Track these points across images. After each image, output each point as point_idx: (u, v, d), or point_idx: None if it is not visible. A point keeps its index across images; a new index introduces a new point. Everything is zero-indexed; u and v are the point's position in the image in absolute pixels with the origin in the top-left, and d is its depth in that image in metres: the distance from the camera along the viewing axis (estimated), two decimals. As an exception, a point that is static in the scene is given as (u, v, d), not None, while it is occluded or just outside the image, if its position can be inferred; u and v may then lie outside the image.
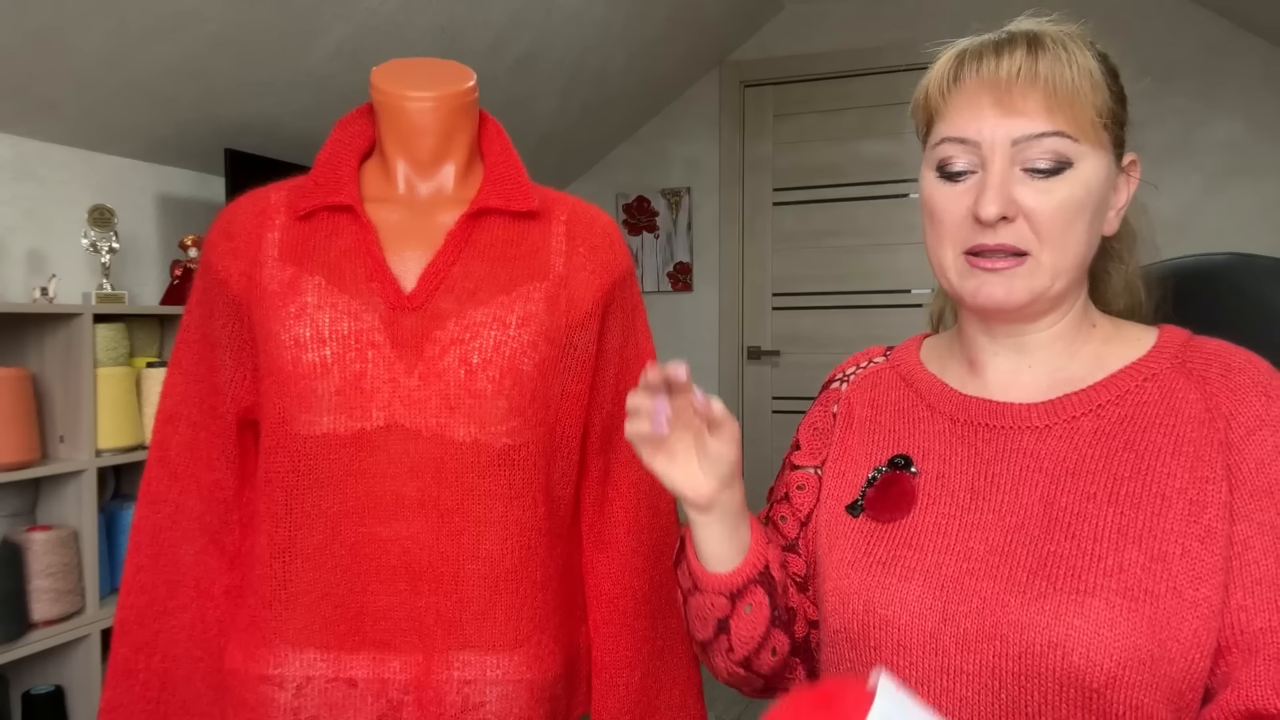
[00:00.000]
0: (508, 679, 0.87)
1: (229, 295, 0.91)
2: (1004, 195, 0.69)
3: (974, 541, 0.71)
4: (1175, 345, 0.75)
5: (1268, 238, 2.96)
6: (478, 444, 0.85)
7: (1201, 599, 0.64)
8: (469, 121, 0.95)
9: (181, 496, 0.93)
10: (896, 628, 0.70)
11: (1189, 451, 0.68)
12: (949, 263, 0.74)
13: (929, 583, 0.70)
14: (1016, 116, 0.70)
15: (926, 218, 0.76)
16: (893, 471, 0.77)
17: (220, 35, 2.03)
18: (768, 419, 3.68)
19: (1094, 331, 0.77)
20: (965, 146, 0.72)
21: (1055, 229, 0.69)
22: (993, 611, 0.67)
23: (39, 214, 2.11)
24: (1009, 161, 0.70)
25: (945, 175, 0.73)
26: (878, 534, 0.75)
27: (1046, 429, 0.73)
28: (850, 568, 0.75)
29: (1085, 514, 0.68)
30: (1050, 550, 0.68)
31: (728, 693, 2.85)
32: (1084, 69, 0.70)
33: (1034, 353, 0.76)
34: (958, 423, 0.77)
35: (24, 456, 1.83)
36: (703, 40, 3.40)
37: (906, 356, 0.86)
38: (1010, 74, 0.70)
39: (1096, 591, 0.65)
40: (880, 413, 0.83)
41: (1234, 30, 2.99)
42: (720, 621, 0.76)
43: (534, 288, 0.90)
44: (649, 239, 3.76)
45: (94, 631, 1.96)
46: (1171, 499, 0.67)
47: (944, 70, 0.74)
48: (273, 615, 0.87)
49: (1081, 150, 0.70)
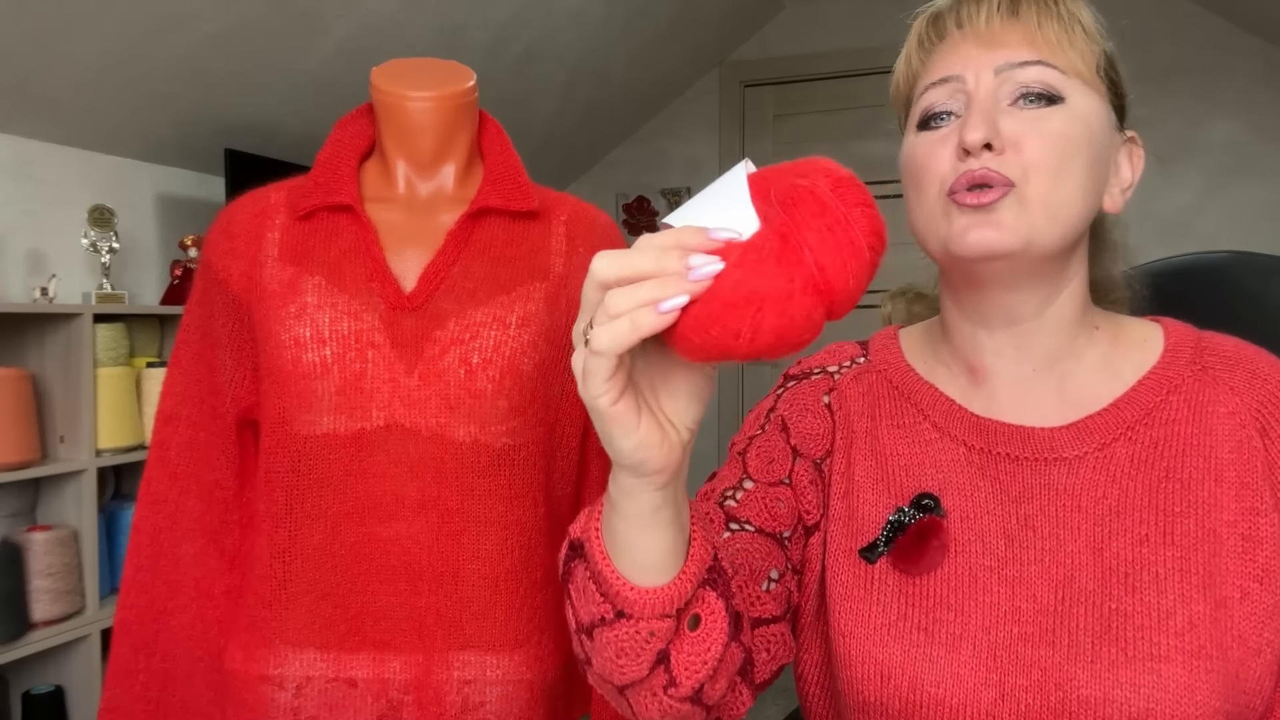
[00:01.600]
0: (508, 679, 0.87)
1: (229, 295, 0.91)
2: (989, 120, 0.63)
3: (1020, 599, 0.63)
4: (1189, 346, 0.69)
5: (1268, 238, 2.96)
6: (478, 444, 0.85)
7: (1265, 644, 0.60)
8: (469, 121, 0.95)
9: (181, 497, 0.93)
10: (949, 707, 0.62)
11: (1231, 477, 0.63)
12: (937, 212, 0.65)
13: (978, 652, 0.62)
14: (1000, 48, 0.65)
15: (909, 181, 0.68)
16: (925, 517, 0.66)
17: (220, 35, 2.03)
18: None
19: (1097, 334, 0.71)
20: (947, 86, 0.66)
21: (1047, 160, 0.62)
22: (1058, 686, 0.60)
23: (39, 214, 2.11)
24: (993, 91, 0.64)
25: (926, 124, 0.67)
26: (906, 589, 0.66)
27: (1078, 459, 0.66)
28: (886, 634, 0.65)
29: (1142, 561, 0.62)
30: (1112, 608, 0.61)
31: (728, 693, 2.85)
32: (1071, 15, 0.65)
33: (1035, 349, 0.69)
34: (975, 450, 0.68)
35: (24, 456, 1.83)
36: (703, 40, 3.40)
37: (889, 357, 0.76)
38: (991, 12, 0.66)
39: (1172, 657, 0.58)
40: (878, 426, 0.73)
41: (1234, 30, 2.99)
42: (659, 655, 0.55)
43: (534, 288, 0.90)
44: (649, 239, 3.76)
45: (94, 631, 1.96)
46: (1223, 535, 0.62)
47: (920, 30, 0.70)
48: (273, 615, 0.87)
49: (1072, 85, 0.64)
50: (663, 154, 3.76)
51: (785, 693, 2.92)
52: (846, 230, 0.44)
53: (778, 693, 2.89)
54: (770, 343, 0.43)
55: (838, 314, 0.44)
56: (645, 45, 3.15)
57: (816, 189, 0.46)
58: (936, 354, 0.75)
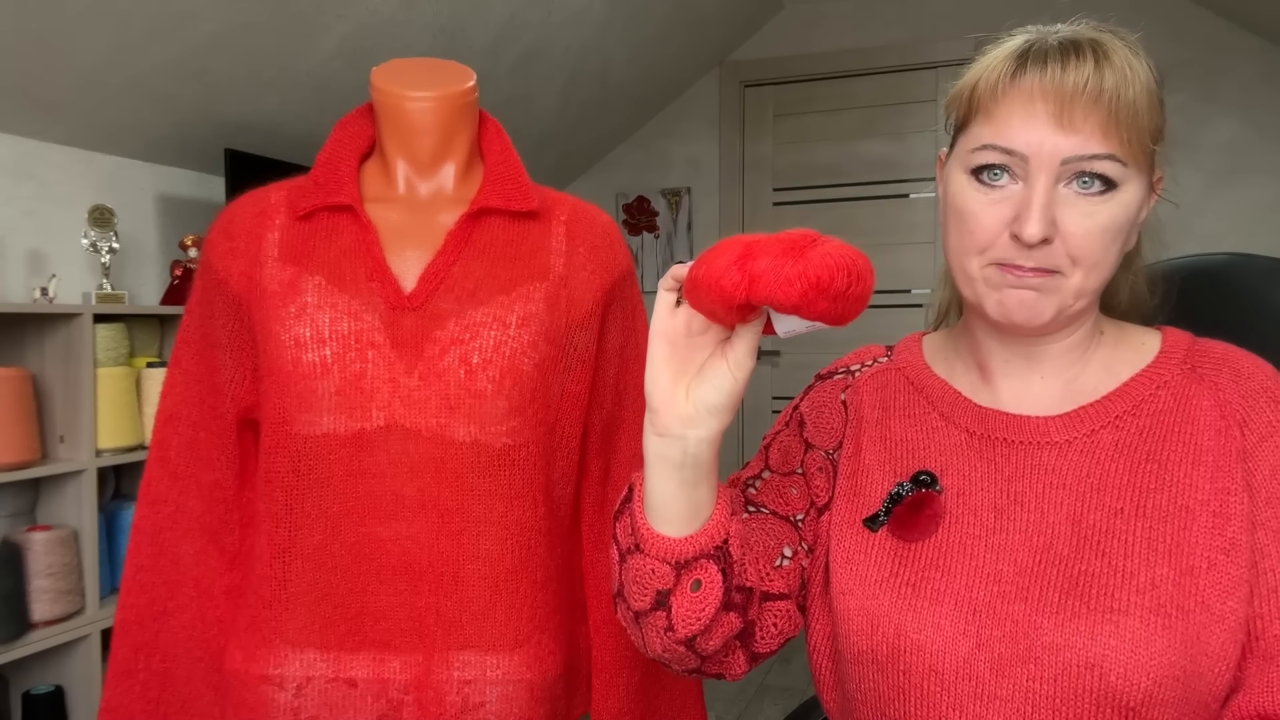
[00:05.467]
0: (508, 679, 0.87)
1: (229, 295, 0.91)
2: (1048, 216, 0.65)
3: (1003, 563, 0.69)
4: (1181, 349, 0.74)
5: (1268, 238, 2.96)
6: (478, 444, 0.85)
7: (1229, 612, 0.64)
8: (469, 121, 0.95)
9: (181, 496, 0.93)
10: (929, 653, 0.68)
11: (1208, 461, 0.68)
12: (974, 271, 0.70)
13: (960, 607, 0.68)
14: (1073, 134, 0.65)
15: (954, 221, 0.71)
16: (921, 490, 0.74)
17: (220, 35, 2.03)
18: (768, 419, 3.69)
19: (1102, 339, 0.76)
20: (1011, 158, 0.67)
21: (1094, 253, 0.67)
22: (1026, 635, 0.65)
23: (39, 214, 2.11)
24: (1054, 179, 0.66)
25: (981, 181, 0.69)
26: (901, 552, 0.73)
27: (1067, 444, 0.72)
28: (878, 588, 0.72)
29: (1114, 530, 0.67)
30: (1081, 569, 0.67)
31: (728, 693, 2.85)
32: (1145, 86, 0.66)
33: (1046, 362, 0.75)
34: (975, 436, 0.75)
35: (24, 456, 1.83)
36: (703, 40, 3.40)
37: (910, 357, 0.84)
38: (1076, 86, 0.64)
39: (1131, 610, 0.64)
40: (890, 416, 0.80)
41: (1234, 30, 2.99)
42: (660, 594, 0.69)
43: (534, 288, 0.90)
44: (649, 239, 3.76)
45: (94, 631, 1.96)
46: (1195, 511, 0.67)
47: (1001, 68, 0.68)
48: (273, 615, 0.87)
49: (1128, 173, 0.66)
50: (663, 154, 3.76)
51: (785, 693, 2.92)
52: (795, 262, 0.56)
53: (778, 693, 2.89)
54: (703, 280, 0.59)
55: (755, 297, 0.57)
56: (645, 45, 3.15)
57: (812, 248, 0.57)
58: (957, 351, 0.81)
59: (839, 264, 0.55)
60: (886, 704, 0.70)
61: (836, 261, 0.55)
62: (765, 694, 2.89)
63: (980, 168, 0.69)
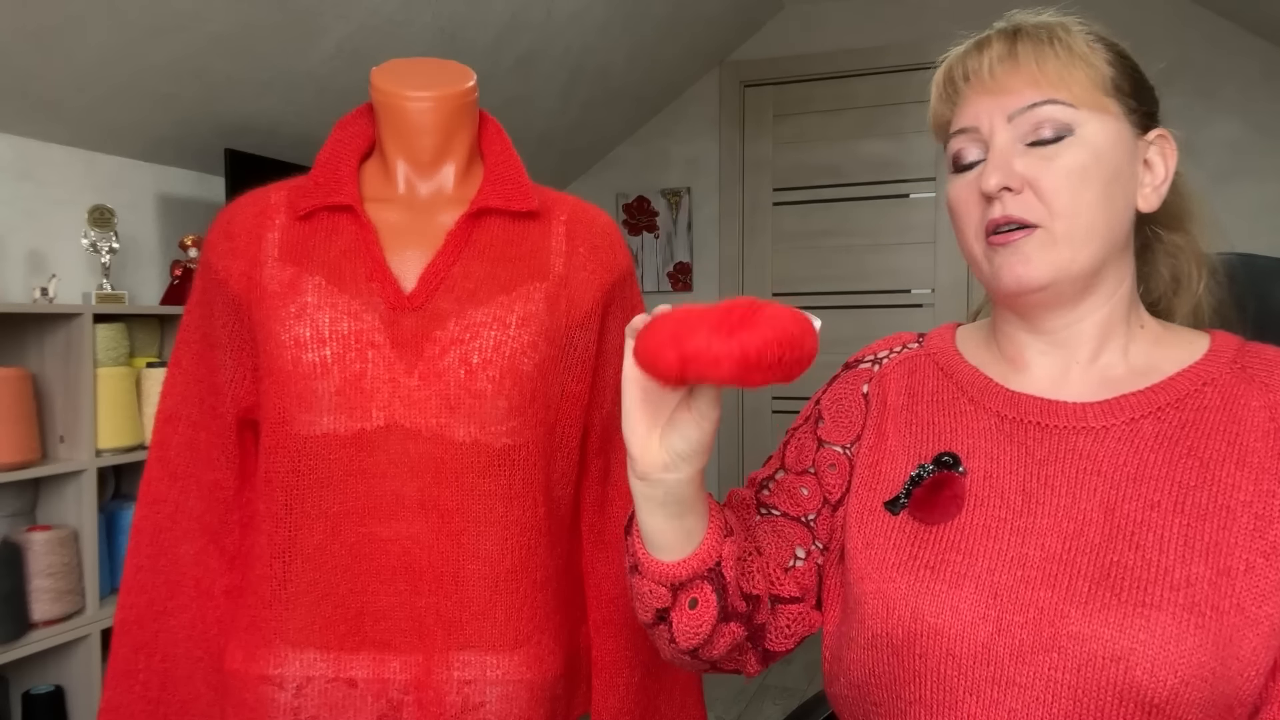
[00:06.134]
0: (508, 679, 0.87)
1: (229, 295, 0.91)
2: (1003, 166, 0.69)
3: (1029, 548, 0.67)
4: (1231, 350, 0.73)
5: (1268, 238, 2.96)
6: (478, 444, 0.85)
7: (1264, 617, 0.63)
8: (469, 121, 0.95)
9: (181, 496, 0.93)
10: (946, 636, 0.66)
11: (1254, 463, 0.67)
12: (978, 253, 0.73)
13: (981, 590, 0.67)
14: (1010, 94, 0.70)
15: (953, 219, 0.76)
16: (942, 471, 0.73)
17: (220, 35, 2.03)
18: (768, 419, 3.69)
19: (1142, 332, 0.75)
20: (969, 135, 0.73)
21: (1063, 196, 0.69)
22: (1051, 622, 0.64)
23: (39, 214, 2.11)
24: (1009, 137, 0.70)
25: (959, 169, 0.75)
26: (921, 535, 0.72)
27: (1104, 430, 0.70)
28: (895, 571, 0.71)
29: (1150, 523, 0.66)
30: (1113, 560, 0.65)
31: (728, 693, 2.85)
32: (1066, 44, 0.70)
33: (1078, 348, 0.74)
34: (1005, 419, 0.74)
35: (24, 456, 1.83)
36: (703, 40, 3.40)
37: (942, 344, 0.83)
38: (990, 64, 0.71)
39: (1163, 605, 0.62)
40: (917, 402, 0.79)
41: (1234, 30, 2.99)
42: (660, 611, 0.72)
43: (534, 288, 0.90)
44: (649, 239, 3.76)
45: (94, 631, 1.96)
46: (1237, 512, 0.65)
47: (938, 88, 0.76)
48: (273, 615, 0.87)
49: (1081, 116, 0.69)
50: (663, 154, 3.76)
51: (785, 693, 2.91)
52: (725, 341, 0.56)
53: (778, 693, 2.89)
54: (640, 357, 0.61)
55: (689, 377, 0.58)
56: (645, 45, 3.15)
57: (748, 321, 0.57)
58: (989, 341, 0.81)
59: (772, 337, 0.56)
60: (902, 687, 0.69)
61: (768, 335, 0.56)
62: (765, 694, 2.89)
63: (956, 157, 0.75)
